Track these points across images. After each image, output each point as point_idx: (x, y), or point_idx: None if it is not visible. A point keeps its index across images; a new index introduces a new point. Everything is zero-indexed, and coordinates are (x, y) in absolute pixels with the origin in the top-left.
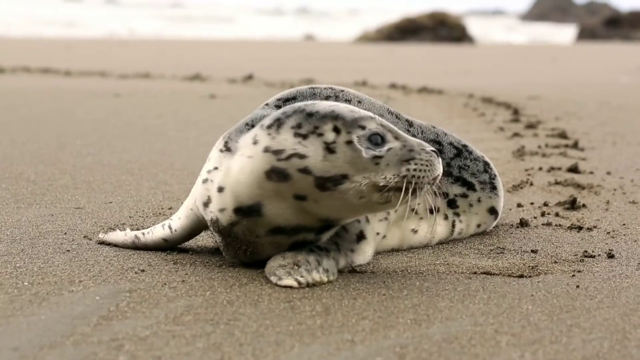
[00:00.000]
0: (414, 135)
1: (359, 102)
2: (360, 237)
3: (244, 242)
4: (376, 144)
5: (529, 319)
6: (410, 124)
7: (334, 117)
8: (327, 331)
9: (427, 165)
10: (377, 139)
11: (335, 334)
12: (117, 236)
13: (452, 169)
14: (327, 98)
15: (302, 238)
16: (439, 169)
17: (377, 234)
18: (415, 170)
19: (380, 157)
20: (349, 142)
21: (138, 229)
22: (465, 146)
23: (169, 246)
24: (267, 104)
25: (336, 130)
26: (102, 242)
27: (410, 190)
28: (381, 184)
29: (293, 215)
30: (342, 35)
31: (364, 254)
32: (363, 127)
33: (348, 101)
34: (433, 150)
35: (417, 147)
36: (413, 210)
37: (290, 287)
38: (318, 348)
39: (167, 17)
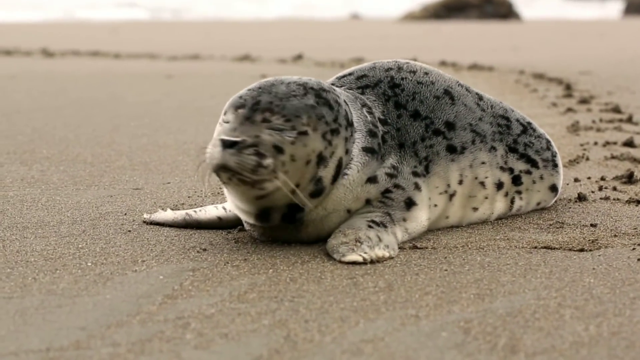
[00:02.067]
0: (483, 110)
1: (426, 73)
2: (410, 203)
3: None
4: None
5: (591, 292)
6: (480, 97)
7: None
8: (391, 307)
9: (209, 154)
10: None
11: (399, 310)
12: (166, 215)
13: (518, 146)
14: (387, 70)
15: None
16: (217, 158)
17: (435, 205)
18: (206, 154)
19: None
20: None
21: (193, 209)
22: (529, 123)
23: (223, 225)
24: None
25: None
26: (150, 223)
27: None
28: None
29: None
30: (387, 13)
31: (417, 220)
32: (225, 113)
33: (413, 72)
34: (222, 140)
35: (216, 138)
36: (482, 183)
37: (354, 262)
38: (383, 324)
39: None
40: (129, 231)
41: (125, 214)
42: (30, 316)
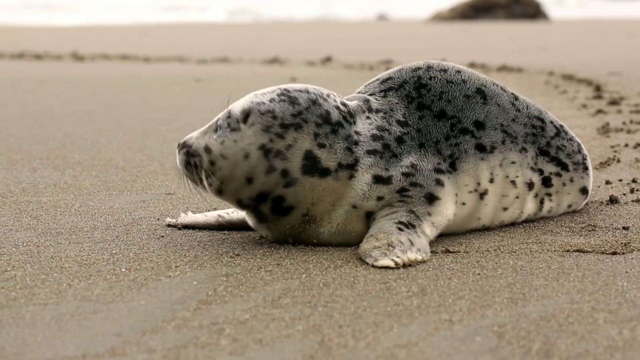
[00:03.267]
0: (518, 110)
1: (458, 71)
2: (431, 198)
3: None
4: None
5: (625, 296)
6: (515, 97)
7: None
8: (425, 311)
9: None
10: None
11: (433, 314)
12: (197, 218)
13: (550, 149)
14: (415, 70)
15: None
16: (178, 161)
17: (463, 204)
18: None
19: None
20: None
21: (225, 211)
22: (562, 126)
23: None
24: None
25: None
26: (183, 227)
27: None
28: None
29: None
30: (414, 14)
31: (441, 214)
32: None
33: (444, 71)
34: (179, 144)
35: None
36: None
37: (387, 267)
38: (417, 328)
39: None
40: (162, 236)
41: (158, 219)
42: (66, 322)
